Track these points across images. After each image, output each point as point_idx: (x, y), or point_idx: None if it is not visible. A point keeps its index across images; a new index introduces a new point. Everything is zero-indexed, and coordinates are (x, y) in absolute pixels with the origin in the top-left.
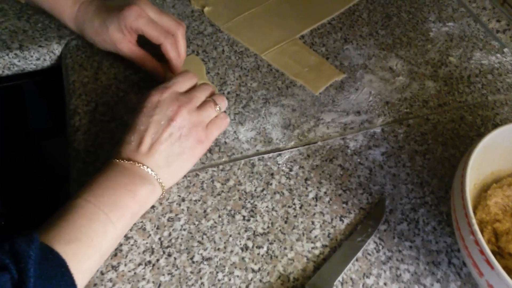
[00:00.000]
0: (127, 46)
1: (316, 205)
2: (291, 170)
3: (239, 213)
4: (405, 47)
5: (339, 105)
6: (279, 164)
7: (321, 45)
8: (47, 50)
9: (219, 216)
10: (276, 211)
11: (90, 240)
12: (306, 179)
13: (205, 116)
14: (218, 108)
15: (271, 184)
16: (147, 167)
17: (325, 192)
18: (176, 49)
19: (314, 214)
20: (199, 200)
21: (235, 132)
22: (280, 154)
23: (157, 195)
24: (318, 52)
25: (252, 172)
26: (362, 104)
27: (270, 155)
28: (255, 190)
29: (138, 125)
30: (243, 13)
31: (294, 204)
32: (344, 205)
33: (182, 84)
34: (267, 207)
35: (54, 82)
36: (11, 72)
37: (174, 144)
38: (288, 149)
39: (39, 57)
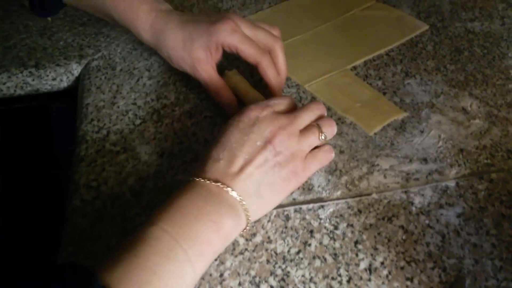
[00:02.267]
0: (206, 69)
1: (369, 280)
2: (336, 228)
3: (266, 281)
4: (481, 85)
5: (400, 150)
6: (321, 219)
7: (377, 78)
8: (64, 69)
9: (240, 284)
10: (315, 283)
11: (164, 285)
12: (356, 242)
13: (306, 144)
14: (323, 137)
15: (309, 245)
16: (237, 193)
17: (382, 263)
18: (275, 68)
19: None
20: (215, 260)
21: None
22: (322, 206)
23: (240, 229)
24: (373, 86)
25: (286, 227)
26: (430, 150)
27: (310, 206)
28: (288, 251)
29: (230, 141)
30: (287, 39)
31: (340, 275)
32: (409, 283)
33: (283, 106)
34: (303, 276)
35: (70, 105)
36: (23, 92)
37: (268, 172)
38: (333, 200)
39: (55, 76)
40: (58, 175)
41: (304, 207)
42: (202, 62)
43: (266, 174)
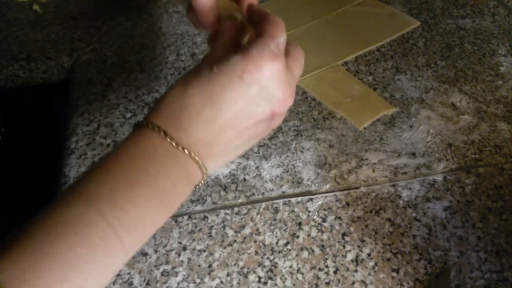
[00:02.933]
0: None
1: (356, 271)
2: (324, 220)
3: (254, 272)
4: (470, 81)
5: (389, 144)
6: (309, 212)
7: (368, 74)
8: (56, 63)
9: (228, 275)
10: (302, 273)
11: (84, 280)
12: (343, 234)
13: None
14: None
15: (297, 236)
16: (206, 170)
17: (368, 254)
18: None
19: (354, 283)
20: (204, 251)
21: (257, 167)
22: (311, 199)
23: (191, 187)
24: (364, 81)
25: (275, 220)
26: (418, 144)
27: (299, 199)
28: (276, 243)
29: (224, 94)
30: None
31: (327, 266)
32: (395, 274)
33: (283, 44)
34: (290, 267)
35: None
36: (14, 85)
37: (253, 135)
38: (322, 193)
39: (46, 70)
40: (50, 167)
41: (293, 200)
42: None
43: (248, 142)
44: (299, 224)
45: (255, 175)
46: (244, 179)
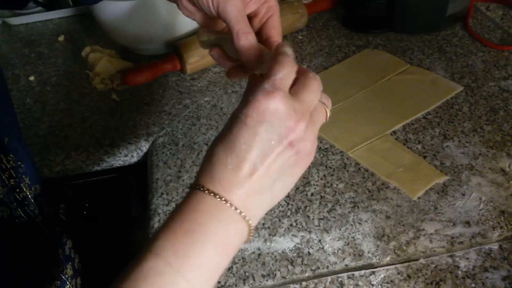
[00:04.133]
0: (238, 3)
1: None
2: None
3: None
4: None
5: (443, 213)
6: (373, 286)
7: (417, 142)
8: (135, 147)
9: None
10: None
11: None
12: None
13: (318, 126)
14: (328, 114)
15: None
16: (246, 215)
17: None
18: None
19: None
20: None
21: (319, 241)
22: (373, 272)
23: (246, 237)
24: (413, 150)
25: None
26: (472, 212)
27: (362, 272)
28: None
29: (238, 142)
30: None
31: None
32: None
33: (289, 79)
34: None
35: (139, 177)
36: (100, 168)
37: (282, 168)
38: (383, 266)
39: (127, 153)
40: (135, 238)
41: (356, 273)
42: None
43: (280, 171)
44: None
45: (318, 248)
46: (309, 253)
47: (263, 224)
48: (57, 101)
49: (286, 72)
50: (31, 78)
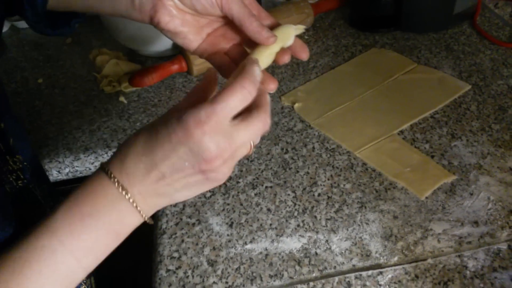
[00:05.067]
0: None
1: None
2: None
3: None
4: None
5: (451, 213)
6: (380, 286)
7: (424, 142)
8: None
9: None
10: None
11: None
12: None
13: (236, 160)
14: (252, 150)
15: None
16: (143, 214)
17: None
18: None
19: None
20: None
21: (327, 241)
22: (381, 273)
23: (137, 219)
24: (421, 149)
25: None
26: (480, 212)
27: (369, 272)
28: None
29: (157, 147)
30: (335, 108)
31: None
32: None
33: (235, 109)
34: None
35: None
36: None
37: (185, 186)
38: (391, 266)
39: None
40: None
41: (364, 273)
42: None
43: (186, 188)
44: None
45: (326, 248)
46: (316, 253)
47: (270, 224)
48: (66, 104)
49: (232, 104)
50: (40, 80)
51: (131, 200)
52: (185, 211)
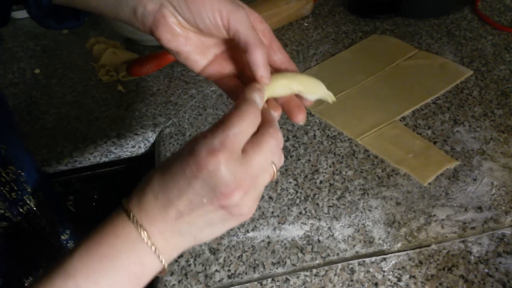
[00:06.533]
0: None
1: None
2: (399, 280)
3: None
4: None
5: (455, 199)
6: (384, 272)
7: (426, 128)
8: (142, 138)
9: None
10: None
11: None
12: None
13: (259, 189)
14: (277, 174)
15: None
16: (162, 259)
17: None
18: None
19: None
20: None
21: (329, 228)
22: (384, 259)
23: (158, 261)
24: (423, 135)
25: (352, 280)
26: (484, 198)
27: (373, 259)
28: None
29: (172, 183)
30: (336, 95)
31: None
32: None
33: (246, 135)
34: None
35: (146, 168)
36: (107, 159)
37: (208, 224)
38: (394, 252)
39: (134, 144)
40: None
41: (367, 260)
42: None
43: (209, 227)
44: (376, 284)
45: (328, 235)
46: (319, 240)
47: (272, 212)
48: (64, 94)
49: (243, 128)
50: (37, 71)
51: (149, 243)
52: None
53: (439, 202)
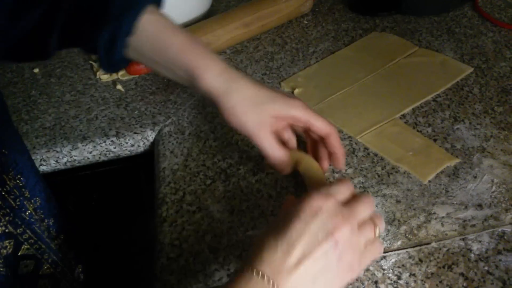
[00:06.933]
0: (268, 136)
1: None
2: (399, 278)
3: None
4: None
5: (455, 196)
6: (384, 270)
7: (427, 125)
8: (141, 136)
9: None
10: None
11: None
12: None
13: (364, 238)
14: (378, 232)
15: None
16: None
17: None
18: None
19: None
20: None
21: None
22: (384, 257)
23: None
24: (423, 133)
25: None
26: (484, 195)
27: None
28: None
29: (290, 230)
30: (336, 93)
31: None
32: None
33: (344, 194)
34: None
35: (146, 167)
36: (106, 158)
37: (326, 266)
38: (395, 250)
39: (133, 143)
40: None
41: None
42: (266, 125)
43: (324, 269)
44: (375, 282)
45: None
46: None
47: (272, 211)
48: (62, 93)
49: (343, 187)
50: (36, 70)
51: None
52: (185, 198)
53: (439, 200)
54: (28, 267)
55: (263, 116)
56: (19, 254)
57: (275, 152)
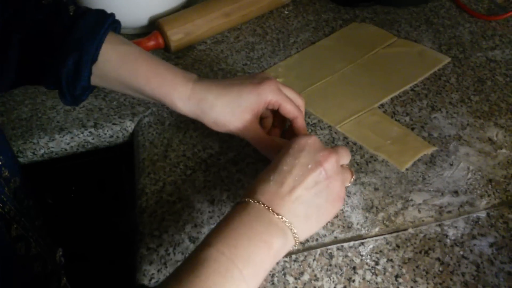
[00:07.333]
0: (255, 128)
1: None
2: (377, 263)
3: None
4: (505, 114)
5: (431, 184)
6: (362, 256)
7: (404, 114)
8: (120, 127)
9: None
10: None
11: None
12: (396, 276)
13: (346, 175)
14: (353, 179)
15: (353, 280)
16: (285, 217)
17: None
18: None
19: None
20: None
21: None
22: (362, 243)
23: (289, 248)
24: (401, 122)
25: (330, 265)
26: (460, 182)
27: (351, 243)
28: None
29: (281, 164)
30: (316, 83)
31: None
32: None
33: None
34: None
35: (126, 157)
36: (85, 150)
37: (317, 194)
38: (372, 237)
39: (112, 134)
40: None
41: (345, 244)
42: (251, 123)
43: (315, 196)
44: (354, 268)
45: None
46: None
47: None
48: None
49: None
50: None
51: (270, 210)
52: (165, 189)
53: (416, 187)
54: (21, 250)
55: (244, 116)
56: (13, 236)
57: (262, 139)
